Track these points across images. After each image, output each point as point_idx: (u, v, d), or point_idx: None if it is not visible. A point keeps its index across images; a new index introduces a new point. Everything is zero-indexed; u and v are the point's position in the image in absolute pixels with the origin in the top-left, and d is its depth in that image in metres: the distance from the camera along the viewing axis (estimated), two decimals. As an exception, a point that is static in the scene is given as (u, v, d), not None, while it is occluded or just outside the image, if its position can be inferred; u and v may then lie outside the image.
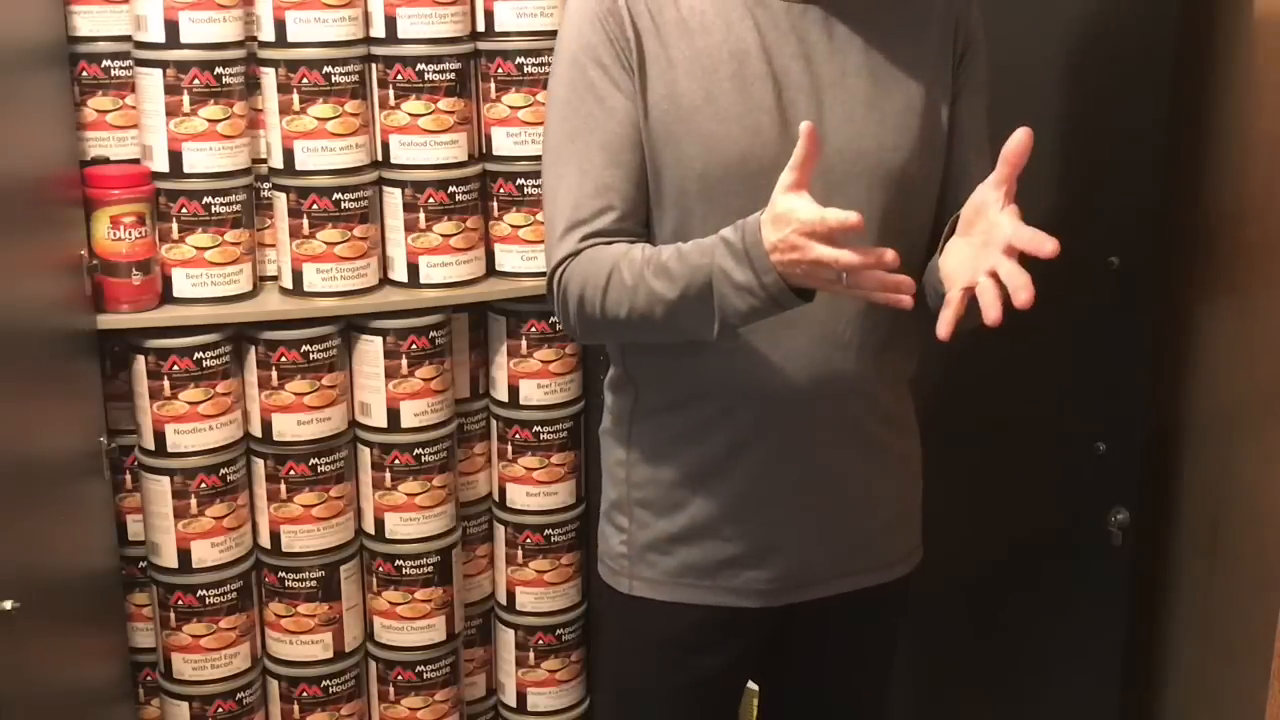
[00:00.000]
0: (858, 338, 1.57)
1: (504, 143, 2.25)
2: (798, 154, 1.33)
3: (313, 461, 2.24)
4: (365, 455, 2.30)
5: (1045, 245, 1.29)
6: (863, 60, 1.53)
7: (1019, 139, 1.32)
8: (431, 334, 2.26)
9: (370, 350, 2.25)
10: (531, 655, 2.48)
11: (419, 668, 2.38)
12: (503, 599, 2.49)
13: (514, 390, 2.36)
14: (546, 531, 2.42)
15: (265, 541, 2.28)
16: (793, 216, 1.33)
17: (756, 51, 1.50)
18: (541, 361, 2.34)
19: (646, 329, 1.50)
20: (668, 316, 1.46)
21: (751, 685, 1.95)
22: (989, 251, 1.33)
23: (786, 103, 1.50)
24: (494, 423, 2.43)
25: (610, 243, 1.51)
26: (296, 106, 2.14)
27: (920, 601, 2.28)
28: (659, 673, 1.72)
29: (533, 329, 2.32)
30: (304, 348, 2.20)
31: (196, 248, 2.15)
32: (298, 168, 2.16)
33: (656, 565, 1.66)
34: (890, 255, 1.32)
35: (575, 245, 1.52)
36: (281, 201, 2.20)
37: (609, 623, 1.83)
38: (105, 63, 2.14)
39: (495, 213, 2.29)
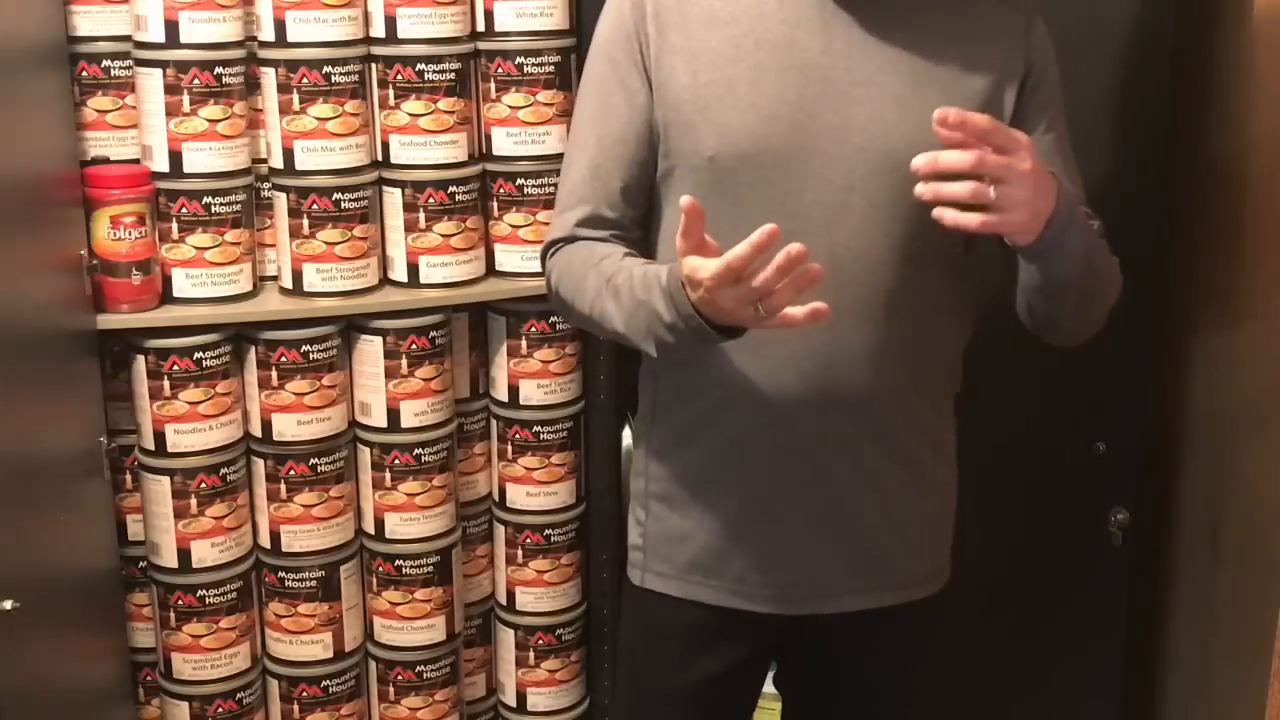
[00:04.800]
0: (862, 351, 1.56)
1: (504, 143, 2.25)
2: (690, 229, 1.38)
3: (313, 461, 2.24)
4: (365, 455, 2.30)
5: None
6: (899, 59, 1.52)
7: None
8: (431, 334, 2.26)
9: (370, 350, 2.25)
10: (531, 655, 2.48)
11: (419, 668, 2.38)
12: (503, 599, 2.49)
13: (514, 390, 2.36)
14: (546, 531, 2.42)
15: (265, 541, 2.28)
16: (699, 275, 1.39)
17: (785, 44, 1.51)
18: (541, 361, 2.34)
19: (603, 331, 1.63)
20: (616, 330, 1.58)
21: (772, 690, 1.94)
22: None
23: (812, 97, 1.50)
24: (494, 423, 2.43)
25: (597, 236, 1.63)
26: (296, 106, 2.14)
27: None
28: (666, 668, 1.74)
29: (533, 329, 2.32)
30: (304, 348, 2.20)
31: (196, 248, 2.15)
32: (298, 168, 2.16)
33: (668, 560, 1.69)
34: (796, 249, 1.32)
35: (567, 230, 1.65)
36: (281, 201, 2.20)
37: (626, 614, 1.84)
38: (105, 63, 2.13)
39: (495, 213, 2.29)
